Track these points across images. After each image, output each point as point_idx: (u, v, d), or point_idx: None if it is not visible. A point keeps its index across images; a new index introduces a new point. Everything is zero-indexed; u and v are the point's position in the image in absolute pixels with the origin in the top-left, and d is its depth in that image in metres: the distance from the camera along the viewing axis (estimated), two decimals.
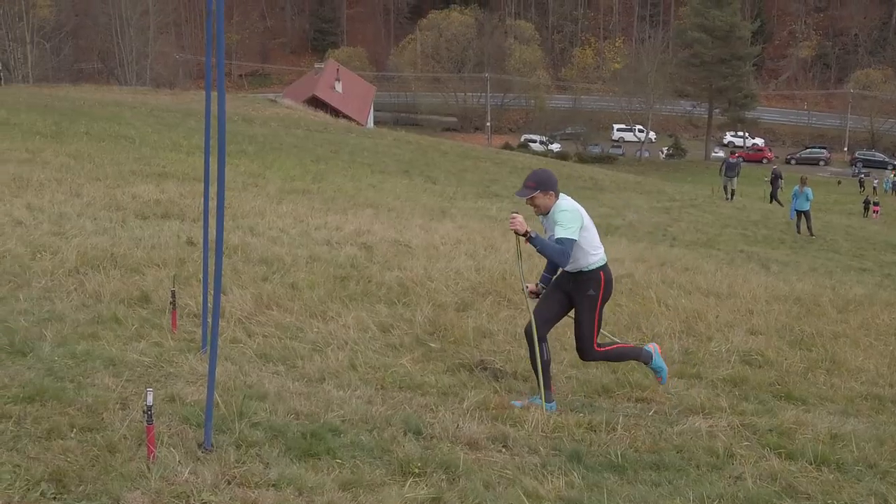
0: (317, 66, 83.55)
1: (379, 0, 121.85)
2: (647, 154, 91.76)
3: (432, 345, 8.43)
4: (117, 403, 5.87)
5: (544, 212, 7.15)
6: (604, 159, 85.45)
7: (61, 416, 5.56)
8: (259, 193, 18.39)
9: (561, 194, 7.16)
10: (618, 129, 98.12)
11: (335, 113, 63.78)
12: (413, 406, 6.57)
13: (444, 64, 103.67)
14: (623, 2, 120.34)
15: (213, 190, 7.33)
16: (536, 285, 7.57)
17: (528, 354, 7.29)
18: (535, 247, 6.93)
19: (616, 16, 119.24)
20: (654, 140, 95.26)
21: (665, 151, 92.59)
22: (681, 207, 31.19)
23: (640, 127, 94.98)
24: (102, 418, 5.59)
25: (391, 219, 17.07)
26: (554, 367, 7.68)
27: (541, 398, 6.94)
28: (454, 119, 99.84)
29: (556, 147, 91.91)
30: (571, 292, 7.19)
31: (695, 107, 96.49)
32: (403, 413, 6.32)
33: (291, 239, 12.97)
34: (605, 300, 7.23)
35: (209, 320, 7.48)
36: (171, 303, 7.88)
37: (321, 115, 57.63)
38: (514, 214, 6.97)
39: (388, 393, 6.87)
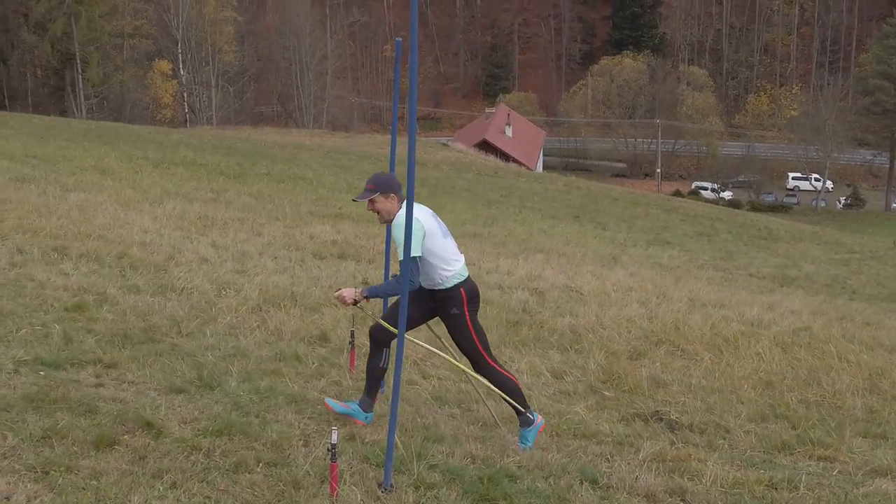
0: (488, 110, 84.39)
1: (551, 46, 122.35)
2: (823, 203, 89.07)
3: (606, 393, 8.37)
4: (300, 440, 6.04)
5: (388, 219, 6.53)
6: (777, 208, 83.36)
7: (248, 450, 5.75)
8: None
9: (421, 211, 6.48)
10: (793, 178, 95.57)
11: (505, 157, 64.20)
12: (588, 455, 6.53)
13: (614, 109, 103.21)
14: (801, 48, 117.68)
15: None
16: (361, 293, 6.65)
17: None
18: (378, 296, 6.59)
19: (793, 62, 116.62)
20: (830, 189, 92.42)
21: (843, 201, 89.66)
22: (860, 259, 30.15)
23: (817, 175, 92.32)
24: (286, 454, 5.75)
25: (562, 264, 17.05)
26: (709, 419, 7.53)
27: (359, 404, 6.65)
28: (623, 165, 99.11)
29: (728, 195, 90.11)
30: (434, 309, 6.70)
31: (875, 156, 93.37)
32: (579, 461, 6.28)
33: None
34: (472, 314, 6.66)
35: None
36: (349, 342, 8.05)
37: (492, 160, 58.10)
38: (337, 293, 6.68)
39: (563, 440, 6.85)
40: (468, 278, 6.64)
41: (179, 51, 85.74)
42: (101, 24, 73.44)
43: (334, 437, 4.99)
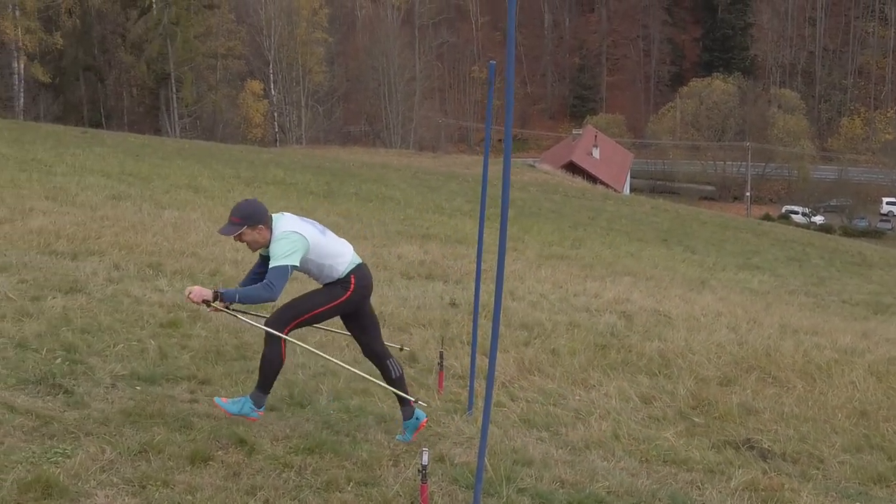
0: (575, 132, 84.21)
1: (639, 68, 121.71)
2: None
3: (696, 419, 8.27)
4: (390, 460, 6.07)
5: (262, 246, 6.37)
6: (871, 234, 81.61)
7: (339, 468, 5.81)
8: (518, 258, 18.63)
9: (280, 217, 6.36)
10: (887, 203, 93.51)
11: (592, 179, 63.97)
12: (679, 482, 6.46)
13: (703, 132, 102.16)
14: None
15: (477, 250, 7.47)
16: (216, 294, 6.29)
17: None
18: (235, 301, 6.20)
19: (888, 85, 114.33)
20: None
21: None
22: None
23: None
24: (377, 474, 5.80)
25: (650, 288, 16.90)
26: (802, 448, 7.41)
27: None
28: (712, 188, 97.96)
29: (819, 219, 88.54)
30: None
31: None
32: (669, 488, 6.22)
33: (551, 304, 13.05)
34: (350, 300, 6.49)
35: (476, 383, 7.64)
36: (438, 364, 8.08)
37: (578, 181, 57.96)
38: (188, 290, 6.25)
39: (653, 466, 6.79)
40: (360, 265, 6.63)
41: (271, 71, 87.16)
42: (196, 44, 75.01)
43: (425, 459, 5.01)
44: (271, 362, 6.46)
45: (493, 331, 5.31)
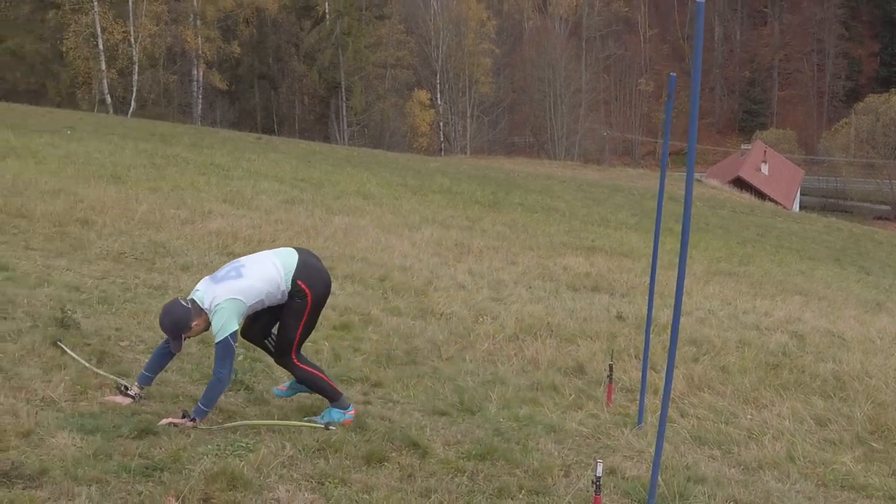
0: (743, 147, 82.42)
1: (813, 83, 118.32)
2: None
3: (874, 444, 8.00)
4: (560, 470, 6.08)
5: (205, 329, 6.30)
6: None
7: (510, 476, 5.85)
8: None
9: (203, 293, 6.19)
10: None
11: (760, 195, 62.47)
12: None
13: (879, 149, 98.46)
14: None
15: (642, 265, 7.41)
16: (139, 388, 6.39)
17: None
18: (207, 411, 6.09)
19: None
20: None
21: None
22: None
23: None
24: (548, 483, 5.81)
25: (822, 308, 16.41)
26: None
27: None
28: (888, 207, 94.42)
29: None
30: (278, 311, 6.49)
31: None
32: None
33: (720, 321, 12.81)
34: (317, 306, 6.50)
35: (650, 398, 7.58)
36: (607, 376, 8.05)
37: (746, 197, 56.70)
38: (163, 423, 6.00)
39: (830, 491, 6.60)
40: (297, 264, 6.42)
41: (438, 81, 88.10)
42: (367, 54, 76.47)
43: (599, 470, 5.01)
44: (312, 380, 6.60)
45: (671, 350, 5.26)
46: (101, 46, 60.09)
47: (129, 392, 6.40)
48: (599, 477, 5.02)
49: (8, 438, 5.46)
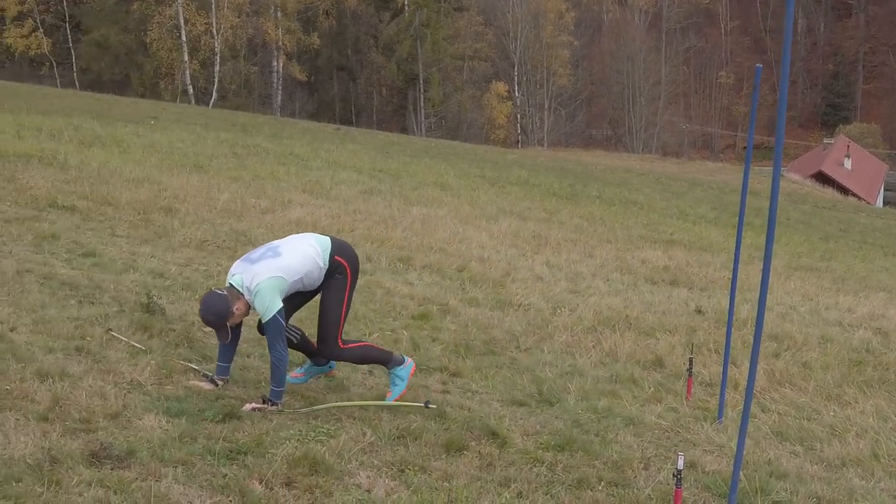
0: (826, 140, 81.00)
1: None
2: None
3: None
4: (640, 463, 6.05)
5: (247, 313, 6.38)
6: None
7: (589, 467, 5.84)
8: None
9: (239, 277, 6.26)
10: None
11: (843, 190, 61.35)
12: None
13: None
14: None
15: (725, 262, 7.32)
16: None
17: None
18: (282, 390, 6.24)
19: None
20: None
21: None
22: None
23: None
24: (627, 475, 5.79)
25: None
26: None
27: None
28: None
29: None
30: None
31: None
32: None
33: (801, 317, 12.63)
34: (355, 283, 6.66)
35: (730, 393, 7.51)
36: (687, 370, 7.98)
37: (829, 192, 55.76)
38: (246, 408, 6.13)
39: None
40: (332, 243, 6.58)
41: (515, 73, 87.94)
42: (445, 46, 76.66)
43: (680, 463, 4.97)
44: (365, 354, 6.77)
45: (755, 345, 5.18)
46: (183, 38, 61.11)
47: (212, 378, 6.55)
48: (680, 470, 4.98)
49: (97, 420, 5.60)
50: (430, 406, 5.87)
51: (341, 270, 6.50)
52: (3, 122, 21.19)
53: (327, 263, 6.44)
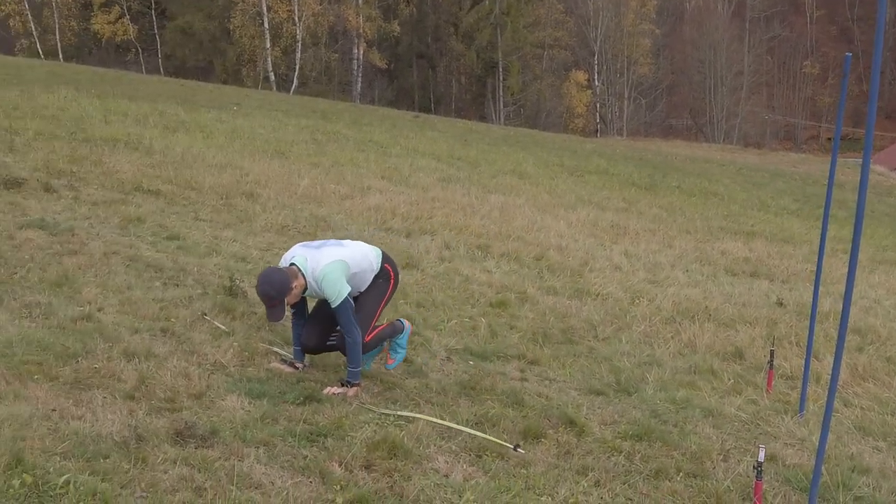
0: None
1: None
2: None
3: None
4: (719, 454, 6.01)
5: (305, 289, 6.37)
6: None
7: (667, 458, 5.81)
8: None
9: (304, 259, 6.34)
10: None
11: None
12: None
13: None
14: None
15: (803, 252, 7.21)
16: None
17: None
18: (358, 368, 6.32)
19: None
20: None
21: None
22: None
23: None
24: (706, 466, 5.75)
25: None
26: None
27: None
28: None
29: None
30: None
31: None
32: None
33: (885, 311, 12.39)
34: (394, 293, 6.93)
35: (812, 387, 7.40)
36: (768, 363, 7.89)
37: None
38: (336, 393, 6.21)
39: None
40: (382, 252, 6.80)
41: (595, 62, 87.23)
42: (525, 34, 76.35)
43: (761, 455, 4.93)
44: (381, 335, 6.76)
45: (840, 338, 5.10)
46: (266, 25, 61.67)
47: (292, 362, 6.63)
48: (761, 462, 4.94)
49: (181, 399, 5.71)
50: (520, 450, 5.77)
51: (386, 277, 6.73)
52: (90, 107, 21.59)
53: (379, 267, 6.67)
